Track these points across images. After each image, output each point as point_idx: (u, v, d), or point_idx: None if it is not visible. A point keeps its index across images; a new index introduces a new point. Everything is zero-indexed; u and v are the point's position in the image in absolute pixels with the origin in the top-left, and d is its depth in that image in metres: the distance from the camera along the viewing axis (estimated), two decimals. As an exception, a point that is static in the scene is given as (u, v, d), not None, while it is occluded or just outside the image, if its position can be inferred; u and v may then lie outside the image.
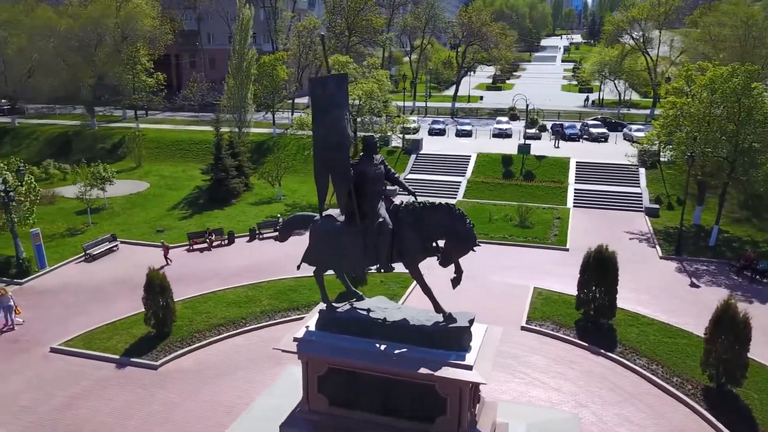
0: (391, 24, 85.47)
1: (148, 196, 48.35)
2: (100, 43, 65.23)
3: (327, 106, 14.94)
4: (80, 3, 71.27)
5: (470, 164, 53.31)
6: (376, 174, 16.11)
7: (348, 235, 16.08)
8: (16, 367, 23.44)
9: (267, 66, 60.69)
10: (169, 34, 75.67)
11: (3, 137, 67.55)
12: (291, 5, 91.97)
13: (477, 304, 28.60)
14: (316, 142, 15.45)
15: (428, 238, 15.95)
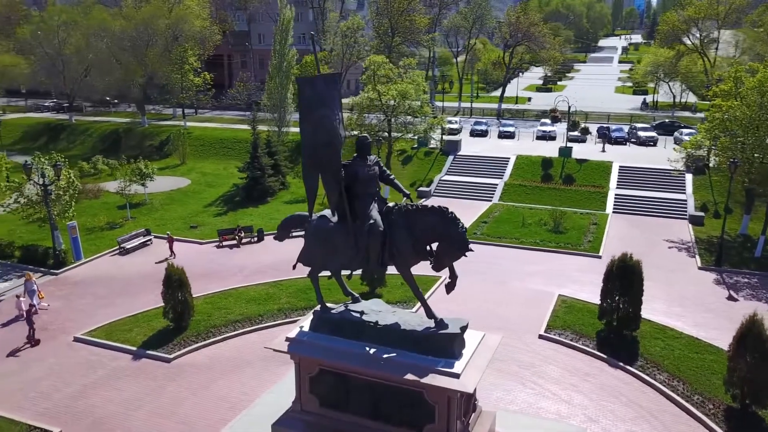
0: (439, 24, 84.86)
1: (187, 192, 49.61)
2: (150, 43, 67.40)
3: (315, 105, 14.84)
4: (135, 4, 73.95)
5: (509, 166, 52.35)
6: (368, 175, 15.94)
7: (340, 236, 15.97)
8: (41, 354, 24.39)
9: (309, 66, 61.28)
10: (218, 35, 77.41)
11: (60, 133, 70.83)
12: (339, 6, 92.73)
13: (497, 310, 28.18)
14: (304, 141, 15.36)
15: (420, 240, 15.63)
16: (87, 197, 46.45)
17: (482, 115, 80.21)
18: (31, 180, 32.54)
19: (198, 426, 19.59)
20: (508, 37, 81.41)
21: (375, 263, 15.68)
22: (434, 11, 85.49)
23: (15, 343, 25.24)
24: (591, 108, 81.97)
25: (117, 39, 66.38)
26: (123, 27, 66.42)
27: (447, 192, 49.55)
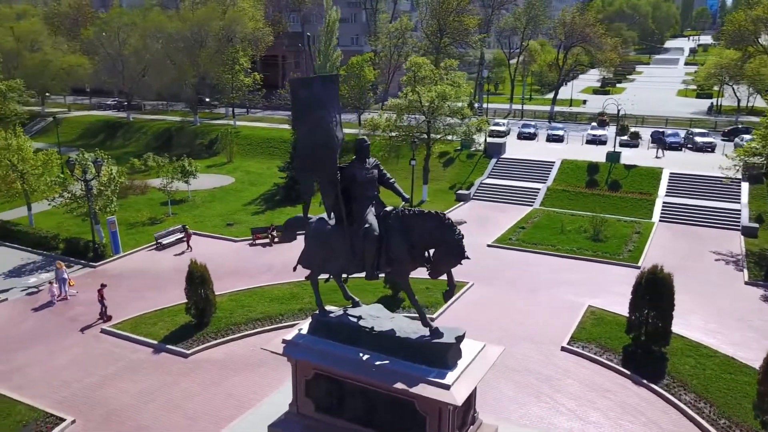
0: (492, 25, 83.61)
1: (229, 190, 50.62)
2: (203, 44, 69.23)
3: (311, 107, 14.68)
4: (192, 6, 76.19)
5: (553, 171, 50.93)
6: (366, 178, 15.69)
7: (338, 239, 15.79)
8: (68, 344, 25.29)
9: (355, 67, 61.49)
10: (270, 36, 78.75)
11: (118, 130, 73.70)
12: (392, 6, 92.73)
13: (521, 319, 27.36)
14: (298, 142, 15.23)
15: (417, 246, 15.23)
16: (134, 193, 48.10)
17: (533, 118, 78.51)
18: (74, 175, 33.86)
19: (202, 422, 19.83)
20: (563, 39, 79.33)
21: (370, 268, 15.38)
22: (488, 12, 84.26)
23: (47, 330, 26.31)
24: (648, 112, 78.94)
25: (172, 40, 68.51)
26: (178, 28, 68.50)
27: (487, 196, 48.66)
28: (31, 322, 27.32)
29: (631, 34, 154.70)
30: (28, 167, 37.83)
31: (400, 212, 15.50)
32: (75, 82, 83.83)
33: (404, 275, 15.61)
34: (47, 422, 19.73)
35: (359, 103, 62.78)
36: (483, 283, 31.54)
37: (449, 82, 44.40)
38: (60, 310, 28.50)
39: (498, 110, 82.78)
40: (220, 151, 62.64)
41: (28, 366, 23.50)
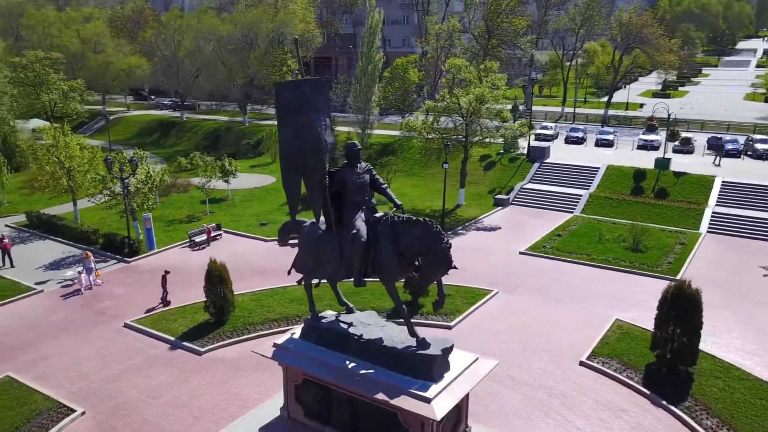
0: (545, 26, 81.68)
1: (269, 190, 51.32)
2: (253, 46, 70.57)
3: (298, 110, 14.55)
4: (245, 8, 77.83)
5: (597, 177, 49.22)
6: (356, 183, 15.45)
7: (327, 244, 15.62)
8: (92, 336, 26.13)
9: (399, 69, 61.27)
10: (319, 38, 79.54)
11: (171, 129, 76.13)
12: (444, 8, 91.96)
13: (542, 330, 26.45)
14: (282, 145, 15.10)
15: (405, 254, 14.85)
16: (177, 191, 49.44)
17: (585, 122, 76.19)
18: (111, 173, 35.06)
19: (204, 419, 20.03)
20: (619, 40, 76.56)
21: (357, 275, 15.14)
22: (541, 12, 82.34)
23: (74, 322, 27.28)
24: (711, 116, 75.32)
25: (223, 42, 70.18)
26: (229, 31, 70.10)
27: (527, 201, 47.48)
28: (61, 314, 28.40)
29: (698, 35, 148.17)
30: (75, 164, 39.45)
31: (390, 219, 15.16)
32: (134, 82, 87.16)
33: (392, 282, 15.26)
34: (59, 412, 20.38)
35: (403, 105, 62.50)
36: (508, 291, 30.73)
37: (488, 85, 43.49)
38: (89, 302, 29.52)
39: (549, 113, 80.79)
40: (265, 151, 63.63)
41: (52, 356, 24.40)
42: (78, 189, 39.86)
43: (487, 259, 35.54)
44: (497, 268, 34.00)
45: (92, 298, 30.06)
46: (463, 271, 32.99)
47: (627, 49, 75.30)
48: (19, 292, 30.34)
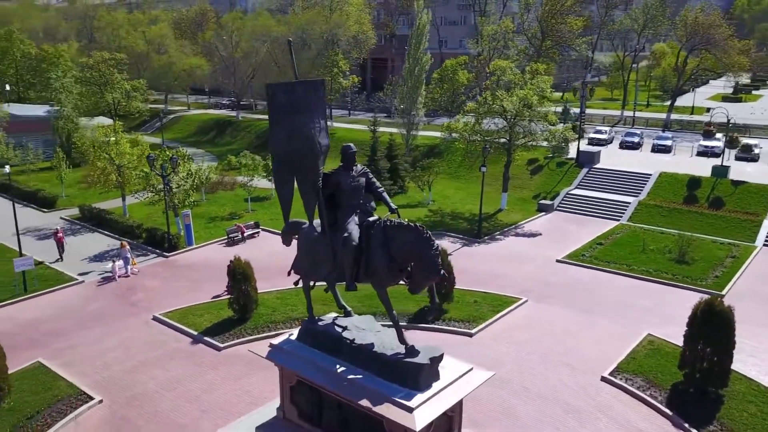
0: (605, 27, 78.96)
1: (311, 190, 51.78)
2: (305, 47, 71.57)
3: (291, 112, 14.50)
4: (302, 10, 79.08)
5: (648, 184, 47.18)
6: (351, 186, 15.28)
7: (322, 246, 15.53)
8: (121, 327, 27.08)
9: (448, 70, 60.71)
10: (373, 39, 79.85)
11: (226, 129, 78.18)
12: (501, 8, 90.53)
13: (568, 342, 25.53)
14: (275, 147, 15.07)
15: (396, 259, 14.55)
16: (223, 188, 50.69)
17: (646, 126, 73.19)
18: (153, 170, 36.30)
19: (212, 414, 20.38)
20: (684, 41, 73.12)
21: (348, 278, 14.99)
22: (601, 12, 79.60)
23: (107, 313, 28.38)
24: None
25: (277, 43, 71.51)
26: (283, 32, 71.35)
27: (572, 207, 46.04)
28: (96, 304, 29.59)
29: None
30: (125, 161, 41.09)
31: (383, 223, 14.90)
32: (195, 82, 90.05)
33: (383, 287, 14.98)
34: (79, 399, 21.21)
35: (451, 107, 61.88)
36: (539, 300, 29.86)
37: (532, 87, 42.42)
38: (124, 294, 30.63)
39: (607, 117, 78.11)
40: (313, 151, 64.29)
41: (81, 345, 25.43)
42: (126, 185, 41.45)
43: (523, 266, 34.67)
44: (531, 276, 33.10)
45: (128, 290, 31.18)
46: (495, 278, 32.70)
47: (693, 51, 71.85)
48: (62, 282, 31.85)
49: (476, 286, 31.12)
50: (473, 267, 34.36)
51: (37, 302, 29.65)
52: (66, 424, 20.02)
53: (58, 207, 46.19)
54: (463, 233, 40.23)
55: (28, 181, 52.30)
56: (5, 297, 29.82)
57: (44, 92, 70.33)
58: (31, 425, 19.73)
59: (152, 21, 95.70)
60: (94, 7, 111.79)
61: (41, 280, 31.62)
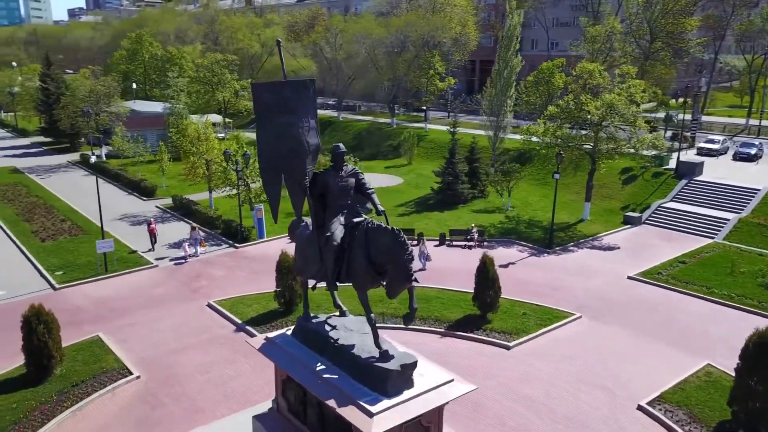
0: (729, 27, 72.39)
1: (391, 191, 52.20)
2: (404, 49, 72.07)
3: (277, 112, 14.72)
4: (405, 12, 79.75)
5: (754, 200, 42.76)
6: (339, 186, 15.27)
7: (312, 245, 15.68)
8: (178, 311, 28.89)
9: (544, 73, 58.59)
10: (475, 41, 78.81)
11: (326, 129, 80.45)
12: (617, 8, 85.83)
13: (611, 364, 23.97)
14: (260, 147, 15.31)
15: (376, 262, 14.37)
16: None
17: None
18: (228, 166, 38.34)
19: (232, 400, 21.23)
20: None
21: (330, 278, 15.06)
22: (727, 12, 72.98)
23: (170, 297, 30.38)
24: None
25: (376, 44, 72.64)
26: (382, 34, 72.37)
27: (662, 221, 42.75)
28: (163, 288, 31.77)
29: None
30: (214, 156, 43.72)
31: (365, 225, 14.78)
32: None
33: (362, 289, 14.86)
34: (120, 373, 22.95)
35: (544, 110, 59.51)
36: (595, 317, 28.12)
37: (620, 92, 39.91)
38: (190, 280, 32.61)
39: (730, 125, 71.53)
40: (404, 153, 64.72)
41: (139, 324, 27.46)
42: (212, 178, 44.08)
43: (588, 280, 32.77)
44: (594, 292, 31.22)
45: (194, 277, 33.16)
46: (553, 291, 31.23)
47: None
48: (139, 265, 34.52)
49: (530, 298, 29.88)
50: (534, 278, 33.01)
51: (113, 282, 32.37)
52: (103, 395, 21.73)
53: (157, 196, 50.03)
54: (535, 242, 38.69)
55: (137, 171, 57.14)
56: (88, 275, 32.83)
57: (166, 90, 76.46)
58: (74, 392, 21.63)
59: (267, 24, 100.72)
60: (224, 11, 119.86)
61: (121, 262, 34.48)
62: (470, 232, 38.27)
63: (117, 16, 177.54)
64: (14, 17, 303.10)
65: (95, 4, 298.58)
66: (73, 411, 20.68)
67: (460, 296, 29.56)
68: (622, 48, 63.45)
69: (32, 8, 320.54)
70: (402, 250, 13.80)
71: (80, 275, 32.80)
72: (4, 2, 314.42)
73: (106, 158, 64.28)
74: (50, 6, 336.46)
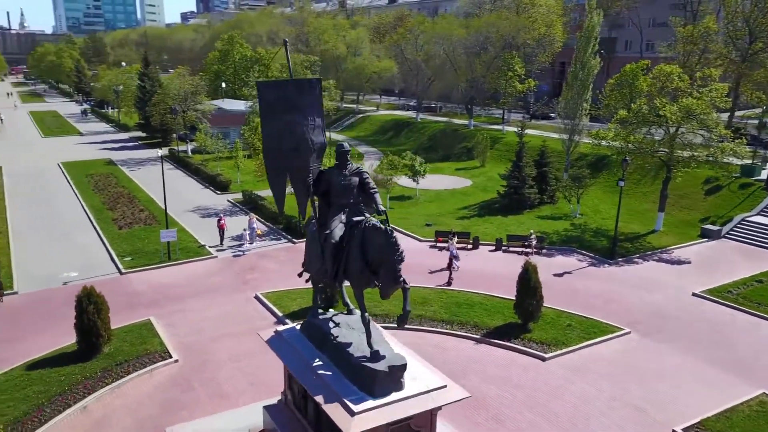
0: None
1: (457, 193, 51.62)
2: (483, 49, 70.98)
3: (280, 110, 14.96)
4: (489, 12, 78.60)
5: None
6: (342, 185, 15.35)
7: (316, 243, 15.85)
8: (226, 300, 29.99)
9: (627, 75, 55.68)
10: (559, 42, 76.37)
11: (404, 129, 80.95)
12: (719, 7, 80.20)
13: (653, 384, 22.63)
14: (265, 144, 15.61)
15: (371, 262, 14.34)
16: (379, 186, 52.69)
17: None
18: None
19: (255, 390, 21.81)
20: None
21: (329, 277, 15.21)
22: None
23: (222, 286, 31.63)
24: None
25: (456, 45, 72.04)
26: (462, 35, 71.67)
27: (745, 236, 39.54)
28: (218, 278, 33.15)
29: None
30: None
31: (364, 224, 14.76)
32: (384, 84, 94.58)
33: (358, 288, 14.87)
34: (161, 356, 24.19)
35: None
36: (646, 334, 26.53)
37: (698, 96, 37.30)
38: (242, 272, 33.80)
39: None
40: (477, 155, 63.78)
41: (188, 311, 28.82)
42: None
43: (648, 295, 30.92)
44: (650, 307, 29.43)
45: (247, 269, 34.35)
46: (606, 304, 29.80)
47: None
48: (200, 255, 36.20)
49: (579, 310, 28.62)
50: (588, 289, 31.58)
51: (172, 270, 34.15)
52: (142, 375, 23.02)
53: (230, 191, 52.22)
54: (597, 252, 36.95)
55: (216, 166, 59.90)
56: (153, 262, 34.83)
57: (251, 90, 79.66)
58: (116, 370, 23.05)
59: (354, 25, 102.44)
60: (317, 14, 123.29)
61: (184, 251, 36.31)
62: (529, 238, 37.14)
63: (220, 18, 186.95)
64: (131, 21, 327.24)
65: (205, 7, 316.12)
66: (112, 388, 22.05)
67: (504, 303, 28.77)
68: (717, 49, 59.14)
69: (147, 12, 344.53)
70: (392, 251, 13.69)
71: (146, 262, 34.86)
72: (122, 6, 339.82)
73: (192, 153, 67.84)
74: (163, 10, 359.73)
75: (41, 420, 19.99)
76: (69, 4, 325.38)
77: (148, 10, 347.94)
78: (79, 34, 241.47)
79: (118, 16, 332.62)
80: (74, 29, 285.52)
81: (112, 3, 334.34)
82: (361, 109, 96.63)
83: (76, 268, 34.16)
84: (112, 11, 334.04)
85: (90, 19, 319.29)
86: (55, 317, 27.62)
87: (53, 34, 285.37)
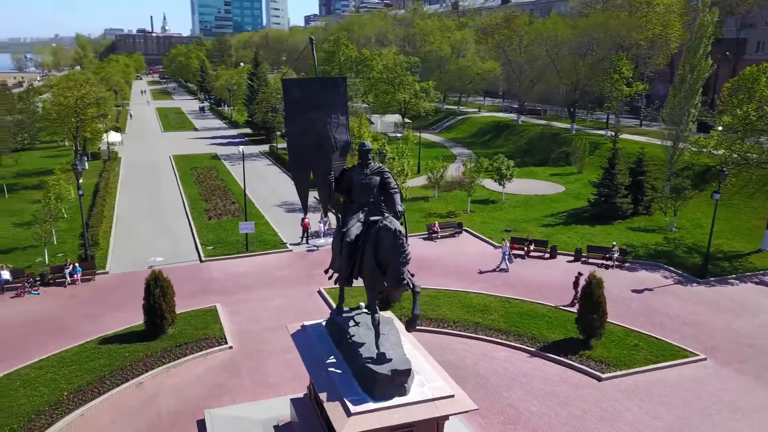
0: None
1: (546, 199, 49.58)
2: (589, 51, 67.67)
3: (304, 108, 15.06)
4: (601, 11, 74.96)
5: None
6: (362, 183, 15.27)
7: (338, 241, 15.88)
8: (291, 292, 30.84)
9: (747, 79, 50.81)
10: (674, 43, 71.18)
11: (503, 131, 79.07)
12: None
13: (718, 418, 20.55)
14: (289, 141, 15.73)
15: (383, 262, 14.14)
16: (460, 188, 51.93)
17: None
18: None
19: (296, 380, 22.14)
20: None
21: (344, 274, 15.20)
22: None
23: (288, 280, 32.54)
24: None
25: (560, 46, 69.28)
26: (567, 36, 68.78)
27: None
28: (287, 271, 34.15)
29: None
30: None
31: (380, 223, 14.58)
32: (488, 85, 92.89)
33: (370, 288, 14.74)
34: (218, 341, 25.36)
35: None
36: (725, 362, 24.18)
37: None
38: (310, 267, 34.52)
39: None
40: (574, 161, 60.98)
41: (253, 300, 29.95)
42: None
43: (736, 319, 28.13)
44: (736, 333, 26.72)
45: (317, 264, 34.84)
46: (684, 326, 27.66)
47: None
48: (276, 248, 37.49)
49: (652, 330, 26.64)
50: (667, 308, 29.26)
51: (248, 261, 35.62)
52: (197, 358, 24.25)
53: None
54: (687, 270, 34.11)
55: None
56: (231, 252, 36.54)
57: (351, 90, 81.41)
58: (175, 351, 24.43)
59: (460, 27, 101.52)
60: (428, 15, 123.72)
61: (261, 244, 37.75)
62: (610, 250, 34.98)
63: (339, 20, 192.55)
64: (257, 23, 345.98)
65: (327, 10, 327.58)
66: (168, 367, 23.41)
67: (568, 316, 27.32)
68: None
69: (272, 15, 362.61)
70: (397, 253, 13.44)
71: (225, 251, 36.66)
72: (250, 10, 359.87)
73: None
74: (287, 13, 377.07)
75: (100, 391, 21.63)
76: (203, 9, 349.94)
77: (273, 13, 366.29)
78: (209, 36, 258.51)
79: (245, 19, 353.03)
80: (206, 32, 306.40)
81: (240, 7, 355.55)
82: (462, 111, 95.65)
83: (163, 253, 36.57)
84: (240, 15, 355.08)
85: (220, 22, 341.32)
86: (134, 298, 29.64)
87: (188, 37, 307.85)
